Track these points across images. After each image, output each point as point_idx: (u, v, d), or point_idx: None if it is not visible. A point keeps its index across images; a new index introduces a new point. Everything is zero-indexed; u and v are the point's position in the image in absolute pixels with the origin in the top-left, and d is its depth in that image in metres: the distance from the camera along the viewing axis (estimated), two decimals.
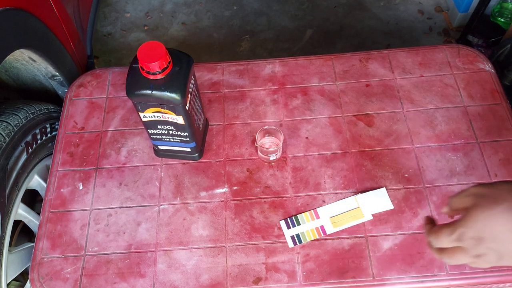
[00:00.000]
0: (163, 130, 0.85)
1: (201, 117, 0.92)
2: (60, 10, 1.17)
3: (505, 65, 1.24)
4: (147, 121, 0.83)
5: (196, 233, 0.88)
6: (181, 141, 0.88)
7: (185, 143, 0.89)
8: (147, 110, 0.80)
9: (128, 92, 0.76)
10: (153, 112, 0.80)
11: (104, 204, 0.92)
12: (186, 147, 0.90)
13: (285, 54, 1.77)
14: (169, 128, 0.84)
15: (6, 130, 0.91)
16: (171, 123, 0.82)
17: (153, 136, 0.88)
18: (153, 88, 0.74)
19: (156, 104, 0.78)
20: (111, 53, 1.82)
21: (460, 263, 0.54)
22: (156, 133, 0.86)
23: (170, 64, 0.74)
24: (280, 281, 0.83)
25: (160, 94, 0.75)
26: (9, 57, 1.03)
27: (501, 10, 1.60)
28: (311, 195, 0.91)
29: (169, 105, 0.77)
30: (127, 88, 0.76)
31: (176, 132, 0.85)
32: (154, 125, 0.84)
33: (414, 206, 0.89)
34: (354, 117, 1.01)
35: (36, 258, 0.87)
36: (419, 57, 1.08)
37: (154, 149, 0.94)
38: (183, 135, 0.86)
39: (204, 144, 0.96)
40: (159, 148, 0.92)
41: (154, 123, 0.83)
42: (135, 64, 0.75)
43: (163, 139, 0.88)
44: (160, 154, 0.95)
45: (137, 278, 0.84)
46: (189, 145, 0.90)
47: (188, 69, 0.77)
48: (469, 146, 0.95)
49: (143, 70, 0.73)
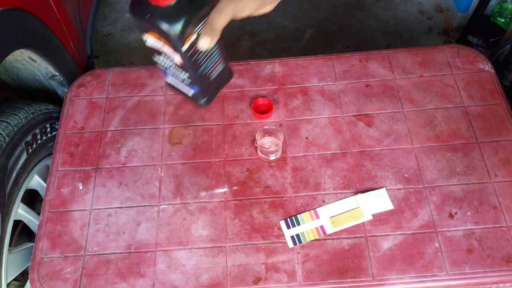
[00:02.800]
0: (166, 62, 0.76)
1: (216, 65, 0.80)
2: (60, 10, 1.17)
3: (505, 65, 1.24)
4: (149, 46, 0.74)
5: (196, 233, 0.88)
6: (183, 81, 0.79)
7: (187, 85, 0.80)
8: (149, 33, 0.70)
9: (130, 8, 0.67)
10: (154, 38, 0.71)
11: (104, 204, 0.92)
12: (189, 89, 0.83)
13: (285, 54, 1.77)
14: (169, 62, 0.75)
15: (6, 130, 0.91)
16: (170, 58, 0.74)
17: (158, 65, 0.78)
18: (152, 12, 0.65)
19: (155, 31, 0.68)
20: (111, 53, 1.82)
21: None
22: (159, 63, 0.77)
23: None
24: (280, 281, 0.83)
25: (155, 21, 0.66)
26: (9, 57, 1.03)
27: (501, 10, 1.60)
28: (311, 195, 0.91)
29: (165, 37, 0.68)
30: (130, 3, 0.67)
31: (177, 69, 0.76)
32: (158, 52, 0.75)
33: (414, 206, 0.89)
34: (354, 117, 1.01)
35: (36, 258, 0.87)
36: (419, 57, 1.08)
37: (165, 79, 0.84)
38: (183, 75, 0.77)
39: (216, 93, 0.85)
40: (166, 79, 0.82)
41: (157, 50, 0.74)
42: None
43: (167, 72, 0.79)
44: (168, 85, 0.84)
45: (137, 278, 0.84)
46: (192, 88, 0.82)
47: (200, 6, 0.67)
48: (469, 146, 0.95)
49: None
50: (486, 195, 0.89)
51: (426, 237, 0.85)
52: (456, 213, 0.88)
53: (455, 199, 0.89)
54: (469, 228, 0.86)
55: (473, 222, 0.87)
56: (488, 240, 0.85)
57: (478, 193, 0.90)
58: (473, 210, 0.88)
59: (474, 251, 0.84)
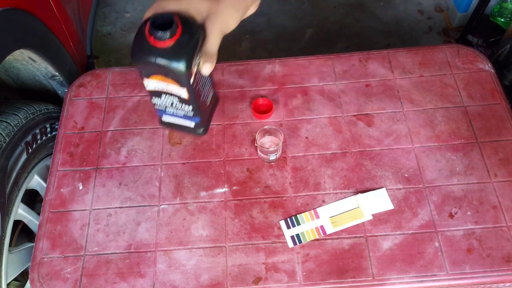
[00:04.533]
0: (167, 101, 0.81)
1: (209, 92, 0.86)
2: (60, 10, 1.17)
3: (505, 65, 1.24)
4: (151, 90, 0.79)
5: (196, 233, 0.88)
6: (185, 115, 0.85)
7: (189, 118, 0.85)
8: (151, 77, 0.76)
9: (132, 56, 0.71)
10: (157, 80, 0.76)
11: (104, 204, 0.92)
12: (191, 122, 0.86)
13: (285, 54, 1.77)
14: (173, 99, 0.80)
15: (6, 130, 0.91)
16: (175, 95, 0.79)
17: (157, 107, 0.84)
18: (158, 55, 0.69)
19: (161, 72, 0.73)
20: (111, 53, 1.82)
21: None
22: (160, 103, 0.83)
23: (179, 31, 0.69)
24: (280, 281, 0.83)
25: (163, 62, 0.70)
26: (9, 57, 1.03)
27: (501, 10, 1.60)
28: (311, 195, 0.91)
29: (173, 75, 0.73)
30: (132, 52, 0.72)
31: (180, 105, 0.81)
32: (158, 95, 0.80)
33: (414, 206, 0.89)
34: (354, 117, 1.01)
35: (36, 258, 0.87)
36: (419, 57, 1.08)
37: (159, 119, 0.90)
38: (187, 108, 0.82)
39: (211, 120, 0.90)
40: (162, 119, 0.88)
41: (158, 92, 0.80)
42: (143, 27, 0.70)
43: (167, 111, 0.84)
44: (163, 124, 0.90)
45: (137, 278, 0.84)
46: (194, 120, 0.85)
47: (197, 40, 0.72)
48: (469, 146, 0.95)
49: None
50: (486, 195, 0.89)
51: (426, 237, 0.85)
52: (456, 213, 0.88)
53: (455, 199, 0.89)
54: (469, 228, 0.86)
55: (473, 222, 0.87)
56: (488, 240, 0.85)
57: (478, 193, 0.90)
58: (473, 210, 0.88)
59: (474, 251, 0.84)
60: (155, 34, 0.68)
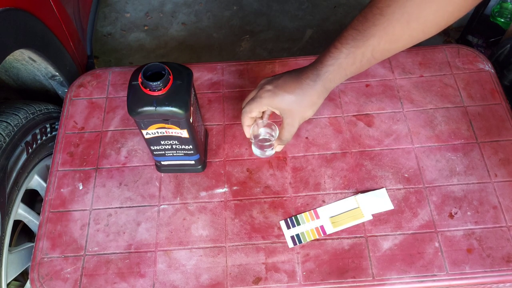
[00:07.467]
0: (167, 145, 0.84)
1: (202, 127, 0.91)
2: (60, 10, 1.17)
3: (505, 65, 1.24)
4: (150, 138, 0.82)
5: (196, 233, 0.88)
6: (185, 155, 0.87)
7: (189, 156, 0.88)
8: (150, 127, 0.78)
9: (130, 111, 0.74)
10: (156, 129, 0.79)
11: (104, 204, 0.92)
12: (190, 160, 0.90)
13: (285, 54, 1.77)
14: (172, 142, 0.83)
15: (6, 130, 0.92)
16: (175, 138, 0.81)
17: (156, 152, 0.86)
18: (157, 104, 0.73)
19: (160, 120, 0.76)
20: (111, 53, 1.82)
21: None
22: (159, 149, 0.85)
23: (171, 78, 0.73)
24: (280, 281, 0.83)
25: (164, 110, 0.73)
26: (9, 57, 1.03)
27: (501, 10, 1.61)
28: (311, 195, 0.91)
29: (174, 119, 0.76)
30: (129, 107, 0.74)
31: (180, 146, 0.84)
32: (157, 141, 0.83)
33: (414, 206, 0.89)
34: (354, 117, 1.01)
35: (36, 258, 0.87)
36: (419, 57, 1.08)
37: (156, 165, 0.93)
38: (187, 148, 0.85)
39: (207, 155, 0.96)
40: (162, 164, 0.91)
41: (157, 139, 0.82)
42: (135, 82, 0.73)
43: (166, 155, 0.87)
44: (162, 170, 0.94)
45: (137, 278, 0.84)
46: (193, 158, 0.89)
47: (189, 81, 0.76)
48: (469, 146, 0.95)
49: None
50: (486, 195, 0.89)
51: (426, 237, 0.85)
52: (456, 213, 0.88)
53: (455, 199, 0.89)
54: (469, 228, 0.86)
55: (473, 222, 0.87)
56: (488, 240, 0.85)
57: (478, 193, 0.90)
58: (473, 210, 0.88)
59: (474, 251, 0.84)
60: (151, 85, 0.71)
